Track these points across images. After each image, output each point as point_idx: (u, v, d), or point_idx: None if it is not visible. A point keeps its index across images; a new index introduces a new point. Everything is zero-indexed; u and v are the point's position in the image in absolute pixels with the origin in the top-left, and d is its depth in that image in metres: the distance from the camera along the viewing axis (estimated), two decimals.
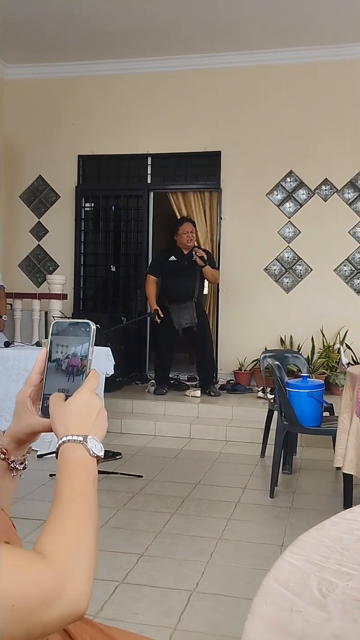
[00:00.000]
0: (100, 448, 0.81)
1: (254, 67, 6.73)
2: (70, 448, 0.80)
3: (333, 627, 0.80)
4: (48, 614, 0.65)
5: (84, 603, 0.69)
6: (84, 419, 0.82)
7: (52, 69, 7.17)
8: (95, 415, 0.84)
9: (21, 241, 7.41)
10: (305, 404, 3.79)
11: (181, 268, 6.02)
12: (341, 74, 6.53)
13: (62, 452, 0.80)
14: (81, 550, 0.71)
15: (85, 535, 0.73)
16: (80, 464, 0.79)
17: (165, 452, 4.82)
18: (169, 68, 6.92)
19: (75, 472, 0.78)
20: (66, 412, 0.83)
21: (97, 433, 0.83)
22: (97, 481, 0.80)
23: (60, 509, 0.74)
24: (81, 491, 0.76)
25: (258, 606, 0.84)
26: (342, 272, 6.60)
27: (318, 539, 1.06)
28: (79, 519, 0.74)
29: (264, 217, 6.74)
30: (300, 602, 0.86)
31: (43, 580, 0.66)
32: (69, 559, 0.69)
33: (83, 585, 0.69)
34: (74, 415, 0.83)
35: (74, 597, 0.67)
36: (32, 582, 0.65)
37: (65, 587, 0.67)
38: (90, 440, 0.80)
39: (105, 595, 2.47)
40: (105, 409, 0.87)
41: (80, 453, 0.79)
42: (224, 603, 2.44)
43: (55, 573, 0.67)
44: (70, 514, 0.74)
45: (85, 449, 0.80)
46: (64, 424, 0.82)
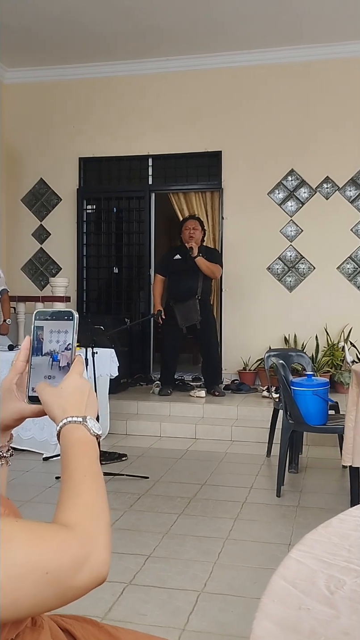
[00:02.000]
0: (98, 427, 0.86)
1: (253, 67, 6.73)
2: (72, 429, 0.84)
3: (341, 624, 0.79)
4: (77, 579, 0.71)
5: (106, 568, 0.74)
6: (78, 401, 0.87)
7: (51, 72, 7.18)
8: (87, 396, 0.88)
9: (24, 244, 7.42)
10: (310, 403, 3.78)
11: (184, 266, 6.02)
12: (340, 71, 6.52)
13: (64, 433, 0.84)
14: (99, 520, 0.76)
15: (101, 507, 0.78)
16: (84, 442, 0.83)
17: (171, 453, 4.81)
18: (168, 69, 6.92)
19: (82, 450, 0.83)
20: (61, 395, 0.87)
21: (91, 412, 0.87)
22: (99, 457, 0.85)
23: (73, 485, 0.79)
24: (90, 467, 0.81)
25: (266, 604, 0.83)
26: (345, 270, 6.59)
27: (325, 536, 1.06)
28: (93, 493, 0.79)
29: (265, 216, 6.73)
30: (308, 599, 0.85)
31: (71, 547, 0.71)
32: (91, 529, 0.74)
33: (105, 552, 0.74)
34: (69, 398, 0.87)
35: (98, 563, 0.73)
36: (62, 550, 0.70)
37: (90, 554, 0.72)
38: (89, 421, 0.85)
39: (113, 596, 2.47)
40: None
41: (81, 433, 0.84)
42: (232, 603, 2.43)
43: (81, 541, 0.72)
44: (84, 489, 0.79)
45: (86, 429, 0.84)
46: (61, 407, 0.86)
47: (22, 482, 3.94)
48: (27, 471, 4.16)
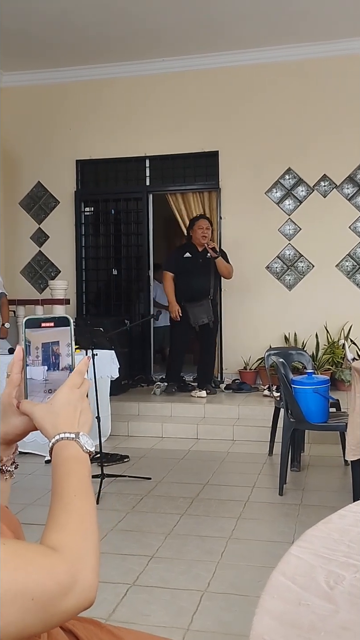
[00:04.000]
0: (91, 444, 0.84)
1: (248, 66, 6.73)
2: (64, 446, 0.82)
3: (341, 619, 0.80)
4: (64, 604, 0.69)
5: (93, 593, 0.72)
6: (69, 416, 0.85)
7: (48, 75, 7.18)
8: (79, 411, 0.86)
9: (22, 248, 7.42)
10: (311, 401, 3.78)
11: (196, 265, 6.03)
12: (336, 69, 6.52)
13: (56, 450, 0.83)
14: (87, 542, 0.75)
15: (90, 529, 0.76)
16: (76, 460, 0.81)
17: (173, 454, 4.81)
18: (163, 70, 6.92)
19: (73, 468, 0.81)
20: (51, 411, 0.85)
21: (84, 428, 0.85)
22: (91, 475, 0.83)
23: (63, 504, 0.78)
24: (80, 486, 0.79)
25: (266, 600, 0.84)
26: (344, 268, 6.59)
27: (325, 532, 1.06)
28: (82, 513, 0.77)
29: (263, 215, 6.73)
30: (308, 595, 0.85)
31: (58, 573, 0.69)
32: (79, 551, 0.73)
33: (92, 576, 0.73)
34: (60, 413, 0.84)
35: (85, 588, 0.71)
36: (49, 576, 0.68)
37: (77, 579, 0.71)
38: (82, 437, 0.83)
39: (116, 597, 2.47)
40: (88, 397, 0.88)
41: (74, 450, 0.82)
42: (235, 602, 2.43)
43: (68, 565, 0.71)
44: (74, 509, 0.77)
45: (79, 446, 0.82)
46: (52, 424, 0.84)
47: (24, 485, 3.94)
48: (30, 474, 4.16)
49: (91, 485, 0.81)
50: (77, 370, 0.88)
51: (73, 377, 0.87)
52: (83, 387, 0.88)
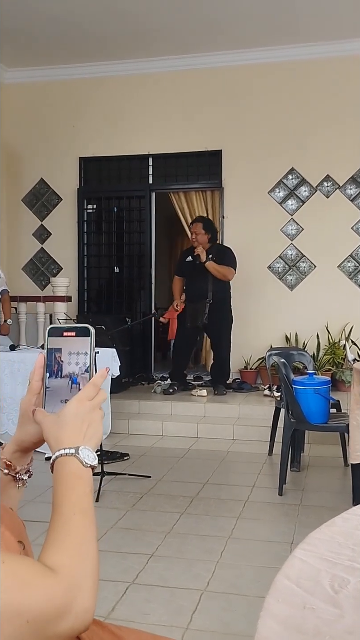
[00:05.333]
0: (93, 457, 0.82)
1: (253, 65, 6.72)
2: (64, 461, 0.81)
3: (346, 624, 0.80)
4: (59, 627, 0.67)
5: (90, 615, 0.71)
6: (74, 430, 0.82)
7: (51, 71, 7.18)
8: (87, 424, 0.83)
9: (24, 244, 7.42)
10: (311, 401, 3.78)
11: (194, 268, 6.06)
12: (340, 70, 6.51)
13: (56, 466, 0.81)
14: (86, 563, 0.73)
15: (89, 549, 0.75)
16: (75, 476, 0.80)
17: (173, 452, 4.82)
18: (167, 68, 6.91)
19: (72, 485, 0.79)
20: (57, 423, 0.83)
21: (90, 442, 0.83)
22: (92, 492, 0.81)
23: (62, 522, 0.76)
24: (80, 504, 0.78)
25: (270, 604, 0.83)
26: (346, 268, 6.59)
27: (329, 535, 1.06)
28: (81, 533, 0.76)
29: (266, 215, 6.73)
30: (313, 599, 0.85)
31: (55, 596, 0.68)
32: (76, 573, 0.71)
33: (89, 599, 0.71)
34: (65, 426, 0.83)
35: (81, 610, 0.70)
36: (46, 598, 0.67)
37: (74, 601, 0.69)
38: (82, 451, 0.81)
39: (116, 596, 2.47)
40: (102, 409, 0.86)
41: (74, 465, 0.80)
42: (235, 602, 2.43)
43: (65, 587, 0.69)
44: (73, 528, 0.76)
45: (79, 461, 0.80)
46: (55, 437, 0.83)
47: None
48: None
49: (92, 501, 0.80)
50: (92, 382, 0.87)
51: (86, 389, 0.86)
52: (96, 399, 0.86)
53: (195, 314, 6.00)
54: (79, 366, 0.87)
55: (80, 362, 0.87)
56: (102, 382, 0.88)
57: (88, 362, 0.87)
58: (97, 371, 0.89)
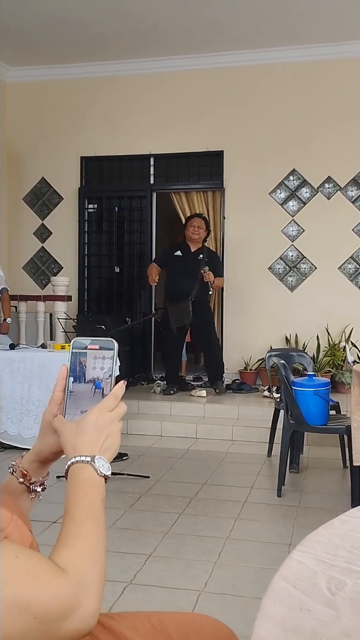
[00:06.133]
0: (107, 468, 0.83)
1: (255, 66, 6.73)
2: (79, 468, 0.82)
3: (343, 626, 0.80)
4: (64, 627, 0.68)
5: (93, 619, 0.72)
6: (93, 439, 0.84)
7: (53, 71, 7.18)
8: (105, 435, 0.85)
9: (25, 243, 7.42)
10: (311, 403, 3.78)
11: (184, 264, 6.02)
12: (343, 71, 6.52)
13: (71, 472, 0.82)
14: (95, 568, 0.74)
15: (98, 555, 0.76)
16: (90, 483, 0.81)
17: (172, 453, 4.82)
18: (170, 68, 6.92)
19: (86, 491, 0.80)
20: (75, 432, 0.85)
21: (106, 454, 0.84)
22: (104, 500, 0.82)
23: (75, 525, 0.77)
24: (93, 509, 0.79)
25: (267, 605, 0.83)
26: (346, 270, 6.59)
27: (327, 537, 1.06)
28: (92, 538, 0.77)
29: (267, 215, 6.73)
30: (310, 600, 0.85)
31: (63, 595, 0.69)
32: (85, 576, 0.72)
33: (95, 603, 0.72)
34: (84, 435, 0.84)
35: (86, 614, 0.70)
36: (54, 596, 0.68)
37: (81, 602, 0.70)
38: (97, 460, 0.82)
39: (114, 596, 2.47)
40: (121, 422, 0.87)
41: (88, 473, 0.82)
42: (232, 603, 2.43)
43: (74, 588, 0.70)
44: (84, 532, 0.77)
45: (93, 469, 0.82)
46: (73, 445, 0.84)
47: None
48: None
49: (103, 510, 0.81)
50: (112, 394, 0.88)
51: (107, 400, 0.87)
52: (116, 411, 0.87)
53: (180, 313, 5.94)
54: (104, 371, 0.88)
55: (106, 367, 0.88)
56: (122, 394, 0.89)
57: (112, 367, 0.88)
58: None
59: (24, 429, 4.76)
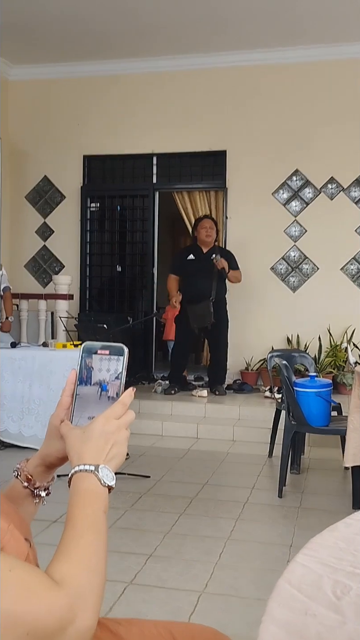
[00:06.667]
0: (111, 477, 0.81)
1: (258, 66, 6.71)
2: (82, 477, 0.80)
3: (348, 630, 0.79)
4: None
5: (90, 632, 0.70)
6: (98, 448, 0.82)
7: (56, 69, 7.17)
8: (111, 444, 0.83)
9: (27, 242, 7.42)
10: (313, 404, 3.77)
11: (198, 267, 5.99)
12: (346, 72, 6.50)
13: (74, 481, 0.81)
14: (92, 580, 0.72)
15: (97, 566, 0.74)
16: (93, 493, 0.79)
17: (173, 453, 4.81)
18: (173, 67, 6.91)
19: (89, 501, 0.79)
20: (81, 439, 0.83)
21: (111, 463, 0.83)
22: (107, 511, 0.80)
23: (74, 536, 0.76)
24: (93, 521, 0.77)
25: (272, 609, 0.83)
26: (349, 271, 6.57)
27: (331, 540, 1.05)
28: (92, 549, 0.75)
29: (270, 216, 6.72)
30: (315, 605, 0.85)
31: (58, 608, 0.67)
32: (82, 589, 0.71)
33: (91, 617, 0.70)
34: (89, 443, 0.82)
35: (82, 628, 0.69)
36: (48, 611, 0.66)
37: (76, 616, 0.68)
38: (102, 470, 0.80)
39: (114, 596, 2.46)
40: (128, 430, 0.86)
41: (92, 482, 0.80)
42: (233, 604, 2.43)
43: (69, 602, 0.68)
44: (84, 543, 0.75)
45: (97, 479, 0.80)
46: (77, 453, 0.82)
47: None
48: None
49: (105, 521, 0.79)
50: (120, 401, 0.86)
51: (114, 407, 0.85)
52: (123, 418, 0.86)
53: (201, 314, 5.91)
54: (110, 373, 0.87)
55: (112, 369, 0.87)
56: (130, 402, 0.87)
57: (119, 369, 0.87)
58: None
59: (25, 428, 4.75)
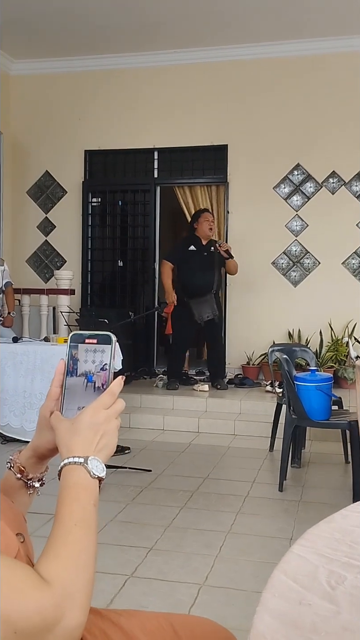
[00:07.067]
0: (101, 469, 0.80)
1: (259, 60, 6.69)
2: (72, 470, 0.79)
3: (342, 620, 0.79)
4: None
5: (78, 631, 0.70)
6: (87, 439, 0.81)
7: (58, 63, 7.16)
8: (100, 435, 0.82)
9: (29, 237, 7.42)
10: (313, 398, 3.78)
11: (200, 259, 5.98)
12: (347, 66, 6.48)
13: (63, 474, 0.80)
14: (81, 577, 0.72)
15: (86, 563, 0.73)
16: (82, 486, 0.79)
17: (174, 447, 4.82)
18: (174, 62, 6.89)
19: (77, 495, 0.78)
20: (70, 430, 0.82)
21: (101, 454, 0.82)
22: (97, 504, 0.79)
23: (62, 532, 0.75)
24: (82, 516, 0.76)
25: (267, 599, 0.83)
26: (350, 265, 6.57)
27: (327, 531, 1.06)
28: (80, 546, 0.74)
29: (271, 210, 6.71)
30: (310, 594, 0.85)
31: (45, 607, 0.67)
32: (70, 587, 0.70)
33: (80, 615, 0.70)
34: (79, 435, 0.81)
35: (71, 625, 0.68)
36: (35, 608, 0.66)
37: (64, 615, 0.68)
38: (91, 462, 0.80)
39: (114, 588, 2.48)
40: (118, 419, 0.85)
41: (81, 475, 0.79)
42: (233, 597, 2.44)
43: (57, 600, 0.68)
44: (72, 540, 0.74)
45: (86, 471, 0.79)
46: (67, 445, 0.81)
47: None
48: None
49: (96, 514, 0.78)
50: (108, 391, 0.85)
51: (103, 397, 0.84)
52: (112, 408, 0.84)
53: (205, 307, 5.91)
54: (95, 364, 0.86)
55: (97, 360, 0.86)
56: (119, 391, 0.86)
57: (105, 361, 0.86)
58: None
59: (27, 422, 4.77)
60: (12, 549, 0.74)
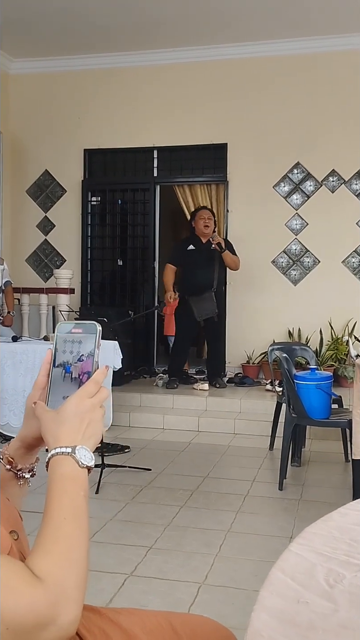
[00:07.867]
0: (90, 458, 0.79)
1: (259, 59, 6.69)
2: (60, 461, 0.78)
3: (340, 618, 0.79)
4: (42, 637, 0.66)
5: (73, 627, 0.69)
6: (73, 428, 0.80)
7: (57, 62, 7.15)
8: (86, 423, 0.81)
9: (28, 236, 7.42)
10: (313, 397, 3.78)
11: (200, 257, 5.99)
12: (347, 64, 6.47)
13: (51, 465, 0.79)
14: (73, 572, 0.71)
15: (78, 557, 0.72)
16: (70, 477, 0.77)
17: (174, 445, 4.82)
18: (173, 60, 6.88)
19: (66, 487, 0.77)
20: (56, 421, 0.81)
21: (89, 442, 0.81)
22: (87, 494, 0.78)
23: (53, 527, 0.74)
24: (72, 508, 0.75)
25: (264, 597, 0.83)
26: (350, 264, 6.56)
27: (326, 530, 1.05)
28: (71, 540, 0.73)
29: (271, 209, 6.71)
30: (307, 593, 0.85)
31: (39, 606, 0.66)
32: (63, 582, 0.69)
33: (74, 611, 0.69)
34: (64, 424, 0.80)
35: (65, 623, 0.68)
36: (28, 606, 0.65)
37: (58, 613, 0.67)
38: (79, 451, 0.79)
39: (114, 587, 2.48)
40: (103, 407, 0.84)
41: (69, 466, 0.78)
42: (232, 595, 2.44)
43: (50, 598, 0.67)
44: (63, 534, 0.73)
45: (74, 461, 0.78)
46: (53, 435, 0.80)
47: None
48: None
49: (86, 505, 0.77)
50: (92, 379, 0.84)
51: (87, 386, 0.83)
52: (97, 396, 0.83)
53: (205, 305, 5.91)
54: (73, 355, 0.85)
55: (74, 351, 0.85)
56: (103, 380, 0.85)
57: (82, 352, 0.85)
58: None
59: None
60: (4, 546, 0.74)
